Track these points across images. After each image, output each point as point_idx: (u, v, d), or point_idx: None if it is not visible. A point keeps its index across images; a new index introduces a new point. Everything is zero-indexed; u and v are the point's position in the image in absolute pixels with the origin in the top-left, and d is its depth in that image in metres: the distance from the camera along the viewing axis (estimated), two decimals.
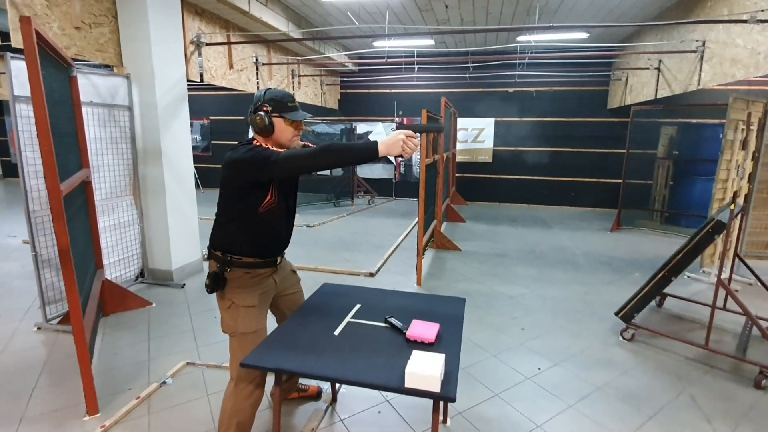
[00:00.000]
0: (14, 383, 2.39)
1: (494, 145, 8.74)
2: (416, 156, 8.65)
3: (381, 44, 7.35)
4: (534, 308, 3.58)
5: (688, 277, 4.36)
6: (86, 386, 2.08)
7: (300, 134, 1.72)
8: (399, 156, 1.47)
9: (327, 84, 8.70)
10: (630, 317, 3.02)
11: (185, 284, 3.93)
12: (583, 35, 6.65)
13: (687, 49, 4.85)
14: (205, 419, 2.11)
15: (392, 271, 4.50)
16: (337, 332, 1.68)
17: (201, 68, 4.59)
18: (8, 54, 2.61)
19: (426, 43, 7.45)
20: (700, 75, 4.66)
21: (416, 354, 1.41)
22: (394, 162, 9.26)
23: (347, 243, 5.62)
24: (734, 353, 2.73)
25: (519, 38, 6.96)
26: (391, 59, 7.05)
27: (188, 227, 4.22)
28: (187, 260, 4.19)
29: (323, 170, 1.62)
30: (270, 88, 1.69)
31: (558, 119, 8.37)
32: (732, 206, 2.60)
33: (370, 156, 1.46)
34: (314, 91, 8.13)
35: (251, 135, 1.74)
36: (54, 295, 3.05)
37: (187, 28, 4.36)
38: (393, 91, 9.07)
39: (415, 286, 4.04)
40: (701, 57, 4.64)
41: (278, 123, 1.63)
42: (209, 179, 9.86)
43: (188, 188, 4.20)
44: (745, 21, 3.59)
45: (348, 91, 9.37)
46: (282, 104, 1.63)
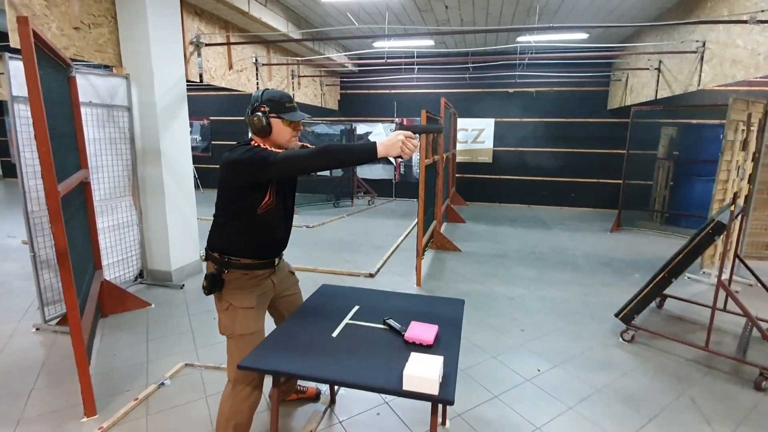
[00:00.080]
0: (12, 384, 2.38)
1: (494, 146, 8.73)
2: (416, 156, 8.65)
3: (381, 45, 7.35)
4: (534, 309, 3.57)
5: (689, 278, 4.35)
6: (84, 388, 2.08)
7: (298, 135, 1.71)
8: (398, 157, 1.47)
9: (327, 84, 8.69)
10: (630, 318, 3.01)
11: (184, 285, 3.93)
12: (583, 36, 6.64)
13: (687, 50, 4.85)
14: (204, 421, 2.11)
15: (392, 272, 4.49)
16: (335, 334, 1.67)
17: (200, 69, 4.59)
18: (6, 54, 2.60)
19: (426, 44, 7.44)
20: (701, 76, 4.65)
21: (414, 356, 1.41)
22: (394, 163, 9.25)
23: (347, 244, 5.61)
24: (734, 355, 2.73)
25: (519, 39, 6.95)
26: (391, 60, 7.05)
27: (187, 228, 4.21)
28: (187, 261, 4.18)
29: (322, 171, 1.61)
30: (268, 89, 1.68)
31: (558, 120, 8.37)
32: (732, 207, 2.59)
33: (369, 157, 1.45)
34: (314, 92, 8.13)
35: (250, 135, 1.74)
36: (53, 296, 3.05)
37: (187, 29, 4.36)
38: (393, 92, 9.07)
39: (415, 287, 4.03)
40: (701, 58, 4.63)
41: (276, 124, 1.62)
42: (209, 180, 9.86)
43: (187, 189, 4.20)
44: (745, 22, 3.59)
45: (348, 92, 9.37)
46: (280, 105, 1.62)
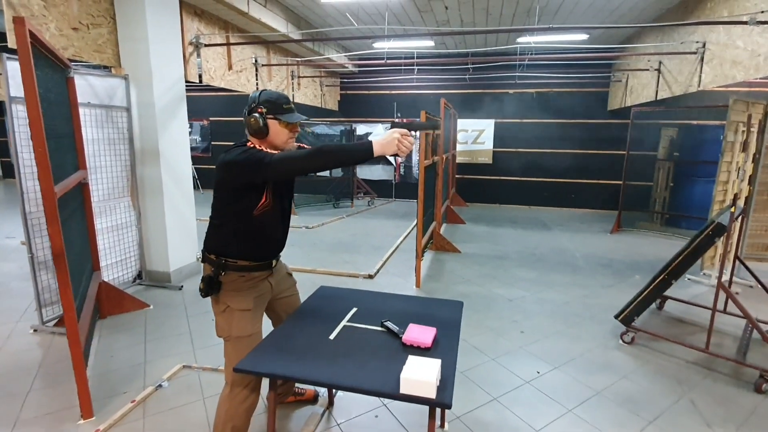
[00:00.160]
0: (9, 385, 2.38)
1: (494, 147, 8.72)
2: (416, 157, 8.64)
3: (381, 45, 7.34)
4: (533, 311, 3.56)
5: (689, 280, 4.34)
6: (81, 390, 2.07)
7: (295, 136, 1.70)
8: (395, 155, 1.46)
9: (327, 85, 8.69)
10: (630, 320, 3.00)
11: (183, 286, 3.92)
12: (583, 36, 6.63)
13: (687, 51, 4.84)
14: (201, 423, 2.10)
15: (391, 273, 4.48)
16: (333, 336, 1.66)
17: (200, 69, 4.58)
18: (4, 55, 2.59)
19: (426, 45, 7.44)
20: (701, 76, 4.64)
21: (412, 359, 1.40)
22: (394, 163, 9.24)
23: (346, 244, 5.60)
24: (735, 357, 2.71)
25: (519, 39, 6.95)
26: (391, 60, 7.04)
27: (186, 228, 4.20)
28: (185, 262, 4.17)
29: (318, 171, 1.60)
30: (265, 90, 1.67)
31: (558, 121, 8.36)
32: (732, 209, 2.58)
33: (365, 156, 1.44)
34: (314, 92, 8.12)
35: (247, 137, 1.73)
36: (50, 297, 3.04)
37: (186, 29, 4.35)
38: (393, 93, 9.06)
39: (414, 288, 4.02)
40: (701, 58, 4.62)
41: (273, 125, 1.62)
42: (209, 180, 9.85)
43: (186, 189, 4.19)
44: (745, 23, 3.58)
45: (348, 92, 9.37)
46: (277, 106, 1.61)
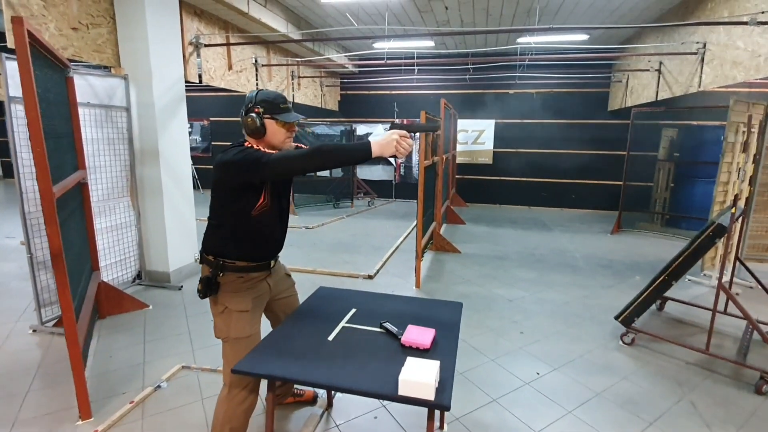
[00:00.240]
0: (8, 386, 2.37)
1: (494, 147, 8.71)
2: (416, 157, 8.63)
3: (381, 46, 7.34)
4: (533, 312, 3.55)
5: (689, 280, 4.33)
6: (79, 391, 2.06)
7: (292, 136, 1.69)
8: (393, 156, 1.45)
9: (327, 85, 8.68)
10: (630, 321, 2.99)
11: (183, 286, 3.91)
12: (584, 37, 6.63)
13: (688, 51, 4.83)
14: (200, 424, 2.09)
15: (391, 274, 4.48)
16: (331, 337, 1.65)
17: (200, 69, 4.58)
18: (3, 55, 2.59)
19: (426, 45, 7.43)
20: (701, 77, 4.63)
21: (410, 361, 1.39)
22: (394, 163, 9.23)
23: (346, 245, 5.60)
24: (735, 358, 2.71)
25: (519, 40, 6.94)
26: (391, 61, 7.03)
27: (186, 229, 4.20)
28: (185, 262, 4.17)
29: (316, 171, 1.59)
30: (262, 90, 1.66)
31: (558, 121, 8.35)
32: (733, 209, 2.58)
33: (364, 156, 1.44)
34: (314, 93, 8.12)
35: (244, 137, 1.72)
36: (49, 298, 3.03)
37: (186, 29, 4.35)
38: (393, 93, 9.06)
39: (414, 289, 4.01)
40: (702, 59, 4.62)
41: (270, 125, 1.61)
42: (209, 180, 9.81)
43: (186, 189, 4.19)
44: (746, 23, 3.57)
45: (348, 93, 9.36)
46: (274, 105, 1.61)
